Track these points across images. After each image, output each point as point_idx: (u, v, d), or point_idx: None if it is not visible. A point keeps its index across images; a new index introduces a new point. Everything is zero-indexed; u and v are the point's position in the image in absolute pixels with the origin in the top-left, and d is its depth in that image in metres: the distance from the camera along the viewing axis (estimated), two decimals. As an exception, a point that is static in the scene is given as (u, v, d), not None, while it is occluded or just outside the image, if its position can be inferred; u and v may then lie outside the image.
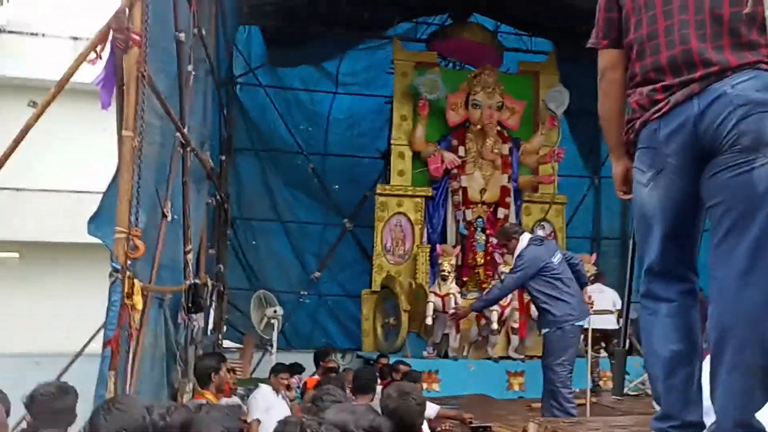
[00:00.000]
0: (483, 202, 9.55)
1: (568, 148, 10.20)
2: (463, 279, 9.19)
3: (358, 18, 10.12)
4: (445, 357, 8.68)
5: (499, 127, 9.70)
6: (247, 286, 10.39)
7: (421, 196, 9.74)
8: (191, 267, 5.80)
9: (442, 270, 8.59)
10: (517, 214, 9.80)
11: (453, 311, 7.79)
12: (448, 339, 8.64)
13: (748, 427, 2.01)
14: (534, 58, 10.97)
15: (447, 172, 9.58)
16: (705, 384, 2.18)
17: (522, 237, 6.08)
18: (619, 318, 7.33)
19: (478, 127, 9.56)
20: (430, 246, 9.45)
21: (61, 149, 12.46)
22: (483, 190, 9.55)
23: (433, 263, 9.19)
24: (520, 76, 10.47)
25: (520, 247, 5.99)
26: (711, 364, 2.10)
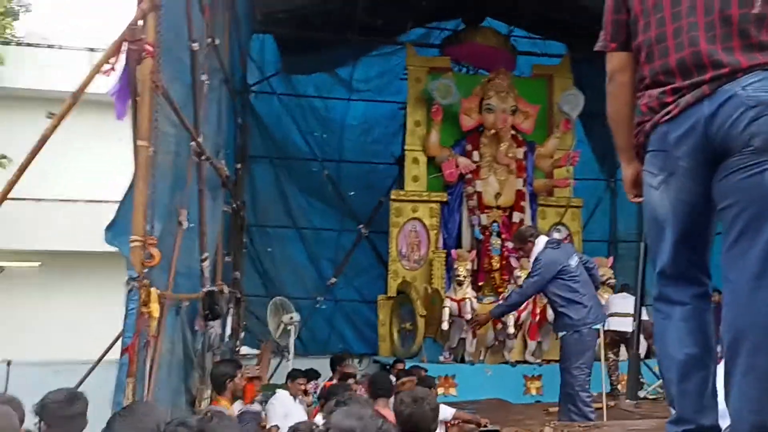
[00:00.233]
0: (498, 207, 9.51)
1: (583, 151, 10.12)
2: (479, 283, 9.16)
3: (371, 24, 10.12)
4: (461, 361, 8.64)
5: (513, 131, 9.65)
6: (264, 293, 10.39)
7: (435, 202, 9.70)
8: (207, 274, 5.85)
9: (458, 275, 8.55)
10: (532, 218, 9.72)
11: (473, 318, 7.76)
12: (464, 343, 8.60)
13: (763, 430, 1.98)
14: (547, 61, 10.90)
15: (461, 176, 9.54)
16: (720, 387, 2.17)
17: (538, 240, 6.03)
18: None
19: (492, 131, 9.52)
20: (445, 251, 9.40)
21: (78, 159, 12.57)
22: (498, 195, 9.51)
23: (449, 268, 9.14)
24: (533, 79, 10.44)
25: (536, 251, 5.95)
26: (725, 368, 2.08)
